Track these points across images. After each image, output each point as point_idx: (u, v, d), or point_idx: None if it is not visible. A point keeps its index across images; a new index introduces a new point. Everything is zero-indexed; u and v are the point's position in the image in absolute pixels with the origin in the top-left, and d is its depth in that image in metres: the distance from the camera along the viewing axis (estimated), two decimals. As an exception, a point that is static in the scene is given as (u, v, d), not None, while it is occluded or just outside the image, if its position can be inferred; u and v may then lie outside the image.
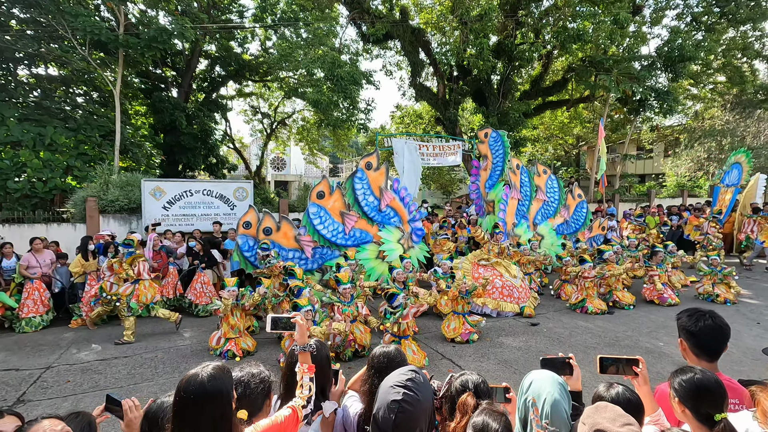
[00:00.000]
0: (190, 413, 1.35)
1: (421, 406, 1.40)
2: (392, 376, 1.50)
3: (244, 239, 7.87)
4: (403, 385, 1.41)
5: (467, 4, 13.42)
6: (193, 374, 1.40)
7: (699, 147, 21.52)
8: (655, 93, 14.36)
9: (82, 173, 11.00)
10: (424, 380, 1.48)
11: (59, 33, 10.65)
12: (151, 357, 5.51)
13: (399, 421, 1.35)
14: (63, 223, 9.14)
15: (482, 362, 5.20)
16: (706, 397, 1.59)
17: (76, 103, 13.52)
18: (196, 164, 16.77)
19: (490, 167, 9.72)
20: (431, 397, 1.49)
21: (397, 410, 1.36)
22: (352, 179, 8.32)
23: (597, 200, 15.17)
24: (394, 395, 1.39)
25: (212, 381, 1.38)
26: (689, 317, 2.13)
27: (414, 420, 1.38)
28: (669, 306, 7.57)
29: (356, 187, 8.32)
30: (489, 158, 9.72)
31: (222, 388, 1.39)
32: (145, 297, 6.30)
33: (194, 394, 1.35)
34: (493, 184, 9.76)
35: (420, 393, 1.41)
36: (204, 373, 1.39)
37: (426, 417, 1.44)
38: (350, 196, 8.29)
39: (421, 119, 22.27)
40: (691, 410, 1.62)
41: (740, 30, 16.49)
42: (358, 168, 8.45)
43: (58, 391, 4.50)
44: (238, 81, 18.98)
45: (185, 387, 1.37)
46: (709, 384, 1.62)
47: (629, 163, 24.67)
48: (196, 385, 1.36)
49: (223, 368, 1.47)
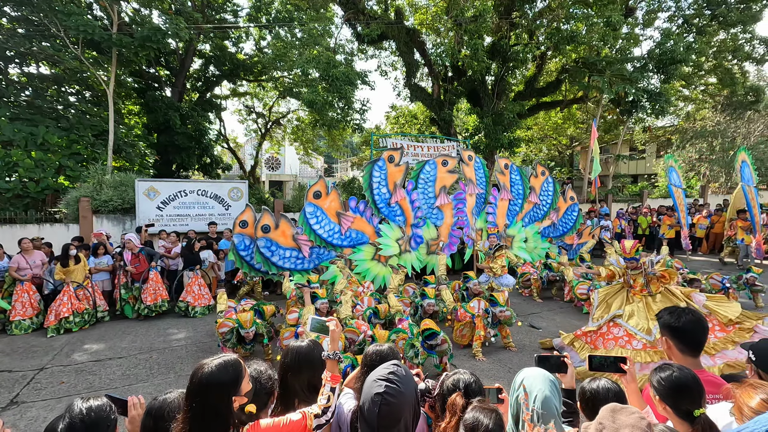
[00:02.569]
0: (198, 396, 1.53)
1: (404, 397, 1.44)
2: (376, 370, 1.54)
3: (240, 238, 7.84)
4: (385, 378, 1.45)
5: (462, 5, 13.49)
6: (205, 363, 1.58)
7: (691, 148, 21.75)
8: (648, 94, 14.53)
9: (74, 173, 10.92)
10: (406, 373, 1.51)
11: (51, 31, 10.55)
12: (146, 358, 5.49)
13: (383, 413, 1.39)
14: (56, 224, 9.07)
15: (477, 361, 5.24)
16: (684, 393, 1.63)
17: (68, 102, 13.41)
18: (191, 164, 16.71)
19: (476, 193, 9.71)
20: (414, 388, 1.53)
21: (381, 402, 1.40)
22: (372, 166, 8.38)
23: (590, 200, 15.30)
24: (377, 388, 1.43)
25: (218, 370, 1.55)
26: (671, 314, 2.18)
27: (398, 411, 1.42)
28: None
29: (374, 175, 8.38)
30: (474, 182, 9.70)
31: (226, 378, 1.54)
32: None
33: (201, 379, 1.53)
34: (480, 210, 9.78)
35: (402, 385, 1.45)
36: (213, 363, 1.57)
37: (410, 408, 1.47)
38: (366, 180, 8.34)
39: (416, 119, 22.33)
40: (671, 407, 1.66)
41: (731, 32, 16.73)
42: (381, 158, 8.50)
43: (52, 393, 4.47)
44: (232, 80, 18.93)
45: (196, 372, 1.56)
46: (687, 380, 1.66)
47: (622, 164, 24.91)
48: (204, 372, 1.54)
49: (232, 362, 1.59)
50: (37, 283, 6.99)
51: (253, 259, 7.85)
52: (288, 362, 1.95)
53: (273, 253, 7.79)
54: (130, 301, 7.36)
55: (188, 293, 7.61)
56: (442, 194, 9.12)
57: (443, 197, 9.13)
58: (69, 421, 1.56)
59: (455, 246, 9.38)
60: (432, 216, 9.15)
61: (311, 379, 1.92)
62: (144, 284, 7.37)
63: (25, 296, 6.69)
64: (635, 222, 13.18)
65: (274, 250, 7.80)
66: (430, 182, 9.13)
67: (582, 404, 1.84)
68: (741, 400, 1.48)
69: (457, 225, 9.34)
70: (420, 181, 9.05)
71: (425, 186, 9.09)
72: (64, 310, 6.59)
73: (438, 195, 9.12)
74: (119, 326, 6.92)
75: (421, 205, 9.03)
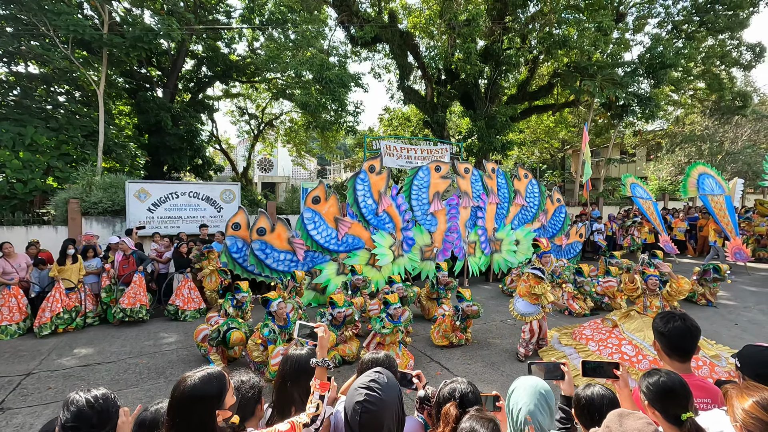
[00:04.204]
0: (180, 411, 1.49)
1: (384, 405, 1.43)
2: (359, 378, 1.54)
3: (233, 240, 7.83)
4: (366, 386, 1.45)
5: (455, 9, 13.57)
6: (188, 376, 1.54)
7: (680, 151, 22.10)
8: (638, 98, 14.73)
9: (63, 174, 10.75)
10: (388, 380, 1.51)
11: (40, 30, 10.40)
12: (136, 362, 5.41)
13: (363, 421, 1.39)
14: (44, 226, 8.91)
15: (470, 365, 5.24)
16: (671, 397, 1.65)
17: (57, 102, 13.20)
18: (182, 165, 16.55)
19: (470, 206, 9.75)
20: (397, 395, 1.52)
21: (361, 411, 1.40)
22: (355, 179, 8.42)
23: (582, 203, 15.43)
24: (357, 396, 1.43)
25: (202, 383, 1.50)
26: (661, 319, 2.22)
27: (379, 419, 1.42)
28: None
29: (357, 188, 8.42)
30: (470, 195, 9.72)
31: (209, 392, 1.50)
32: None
33: (184, 393, 1.49)
34: (474, 224, 9.82)
35: (383, 392, 1.44)
36: (196, 376, 1.53)
37: (392, 415, 1.47)
38: (351, 195, 8.38)
39: (410, 122, 22.39)
40: (659, 411, 1.68)
41: (719, 38, 17.06)
42: (362, 169, 8.53)
43: (39, 398, 4.39)
44: (224, 82, 18.81)
45: (178, 386, 1.52)
46: (674, 385, 1.68)
47: (612, 167, 25.19)
48: (187, 385, 1.50)
49: (215, 374, 1.55)
50: (23, 286, 6.86)
51: (245, 261, 7.82)
52: (288, 370, 1.93)
53: (267, 255, 7.79)
54: (111, 304, 7.21)
55: (177, 297, 7.50)
56: (436, 200, 9.20)
57: (437, 203, 9.20)
58: (76, 410, 1.55)
59: (449, 252, 9.45)
60: (426, 222, 9.19)
61: (301, 387, 1.90)
62: (126, 287, 7.19)
63: (13, 300, 6.56)
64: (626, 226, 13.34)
65: (268, 252, 7.79)
66: (423, 188, 9.19)
67: (577, 411, 1.84)
68: (734, 402, 1.49)
69: (450, 230, 9.40)
70: (414, 187, 9.11)
71: (419, 192, 9.14)
72: (55, 307, 6.51)
73: (432, 201, 9.17)
74: (108, 330, 6.82)
75: (415, 210, 9.09)
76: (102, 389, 1.67)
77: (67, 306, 6.66)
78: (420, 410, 2.00)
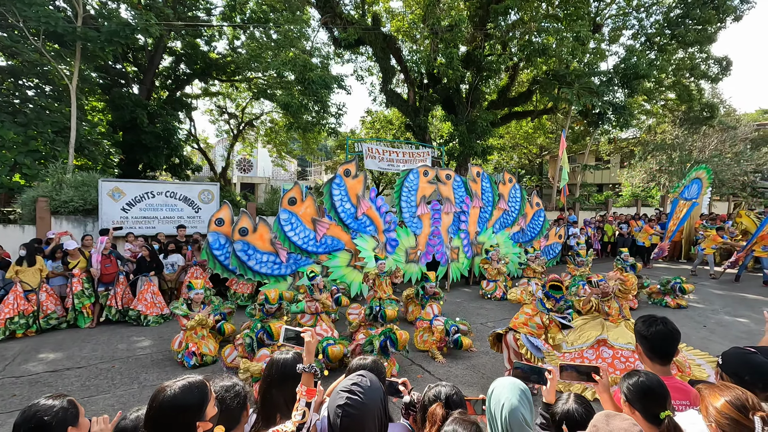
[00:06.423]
0: (159, 423, 1.42)
1: (366, 408, 1.42)
2: (342, 382, 1.52)
3: (215, 237, 7.52)
4: (347, 389, 1.43)
5: (438, 14, 13.70)
6: (167, 385, 1.46)
7: (651, 159, 22.88)
8: (613, 107, 15.21)
9: (32, 171, 10.30)
10: (370, 383, 1.49)
11: (9, 21, 9.96)
12: (107, 367, 5.21)
13: (344, 424, 1.38)
14: (9, 225, 8.51)
15: (451, 367, 5.26)
16: (650, 397, 1.70)
17: (26, 96, 12.65)
18: (158, 164, 16.09)
19: (453, 211, 9.86)
20: (380, 399, 1.50)
21: (342, 414, 1.38)
22: (330, 185, 8.33)
23: (559, 208, 15.78)
24: (338, 400, 1.41)
25: (182, 393, 1.43)
26: (643, 323, 2.27)
27: (360, 422, 1.40)
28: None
29: (333, 193, 8.34)
30: (452, 201, 9.83)
31: (190, 402, 1.44)
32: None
33: (163, 404, 1.42)
34: (457, 229, 9.94)
35: (365, 396, 1.43)
36: (176, 385, 1.45)
37: (374, 419, 1.45)
38: (327, 201, 8.28)
39: (392, 125, 22.47)
40: (639, 411, 1.72)
41: (688, 51, 17.82)
42: (337, 174, 8.45)
43: (3, 407, 4.17)
44: (204, 80, 18.43)
45: (156, 396, 1.44)
46: (653, 384, 1.74)
47: (588, 173, 25.88)
48: (166, 395, 1.43)
49: (197, 383, 1.49)
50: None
51: (227, 260, 7.60)
52: (273, 375, 1.88)
53: (250, 257, 7.58)
54: (84, 310, 6.94)
55: (140, 301, 7.18)
56: (422, 204, 9.38)
57: (423, 207, 9.37)
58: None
59: (431, 255, 9.54)
60: (412, 225, 9.29)
61: (296, 394, 1.85)
62: (115, 288, 7.06)
63: (-27, 304, 6.25)
64: (602, 230, 13.70)
65: (251, 254, 7.59)
66: (413, 191, 9.34)
67: (553, 425, 1.87)
68: (707, 401, 1.53)
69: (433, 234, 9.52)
70: (404, 189, 9.24)
71: (409, 195, 9.32)
72: (8, 310, 6.25)
73: (419, 204, 9.30)
74: (78, 334, 6.56)
75: (404, 212, 9.22)
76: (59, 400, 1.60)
77: (24, 311, 6.39)
78: (405, 416, 2.00)
